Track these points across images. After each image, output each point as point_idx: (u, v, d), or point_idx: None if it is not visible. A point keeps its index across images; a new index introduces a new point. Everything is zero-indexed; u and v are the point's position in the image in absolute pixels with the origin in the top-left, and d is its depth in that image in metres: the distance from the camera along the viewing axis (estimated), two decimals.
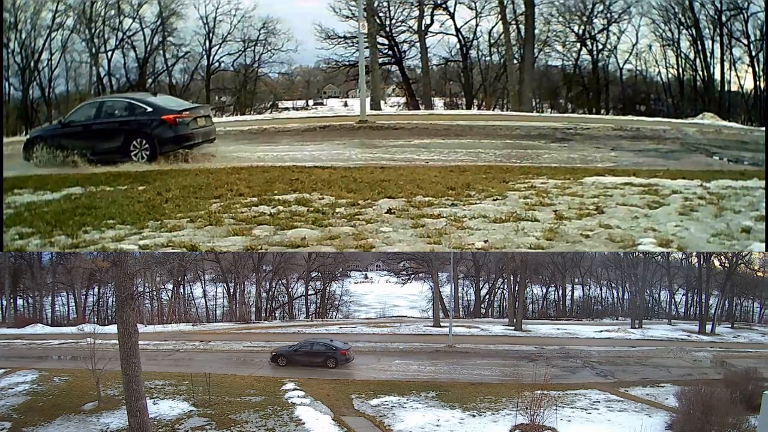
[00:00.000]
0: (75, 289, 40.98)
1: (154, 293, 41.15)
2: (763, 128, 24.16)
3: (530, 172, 13.95)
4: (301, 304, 47.41)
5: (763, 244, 8.97)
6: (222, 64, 48.77)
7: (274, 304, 45.35)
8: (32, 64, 44.87)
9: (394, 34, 47.92)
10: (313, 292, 47.75)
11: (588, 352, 25.97)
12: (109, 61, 46.45)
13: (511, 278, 40.56)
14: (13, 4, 41.56)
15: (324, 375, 19.91)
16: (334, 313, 47.54)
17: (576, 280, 51.75)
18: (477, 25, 46.71)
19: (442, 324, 34.34)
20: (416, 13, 47.30)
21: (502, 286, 48.46)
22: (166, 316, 39.08)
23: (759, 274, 47.53)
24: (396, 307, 54.11)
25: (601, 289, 52.81)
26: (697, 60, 39.96)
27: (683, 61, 40.67)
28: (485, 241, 8.73)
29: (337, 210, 10.35)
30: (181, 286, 43.16)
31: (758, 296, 47.79)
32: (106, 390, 16.73)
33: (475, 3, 45.85)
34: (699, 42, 39.58)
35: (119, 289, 12.72)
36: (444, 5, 46.79)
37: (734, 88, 39.08)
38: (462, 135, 26.38)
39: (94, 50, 45.34)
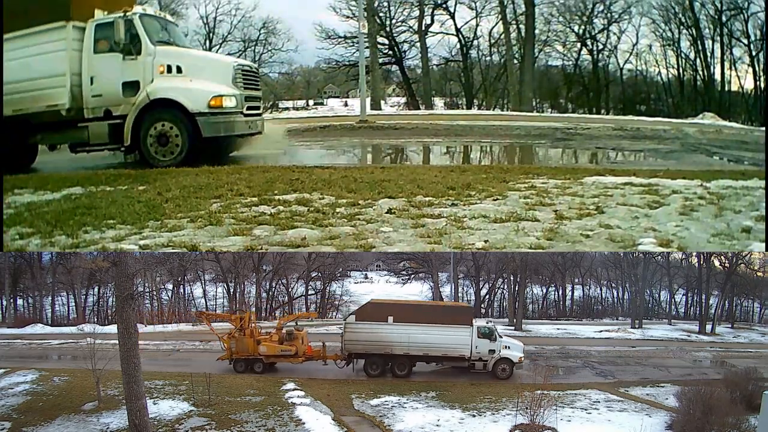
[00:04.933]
0: (75, 289, 40.96)
1: (154, 293, 41.14)
2: (763, 128, 24.19)
3: (530, 172, 13.97)
4: (301, 304, 47.38)
5: (763, 244, 8.98)
6: None
7: (274, 304, 45.34)
8: None
9: (394, 34, 48.10)
10: (313, 292, 47.73)
11: (588, 352, 25.97)
12: None
13: (511, 278, 40.55)
14: None
15: (324, 375, 19.91)
16: (334, 313, 47.51)
17: (576, 280, 51.73)
18: (477, 25, 46.93)
19: None
20: (416, 13, 47.48)
21: (502, 286, 48.45)
22: (166, 316, 39.04)
23: (759, 274, 47.52)
24: None
25: (601, 289, 52.78)
26: (697, 60, 40.05)
27: (683, 61, 40.76)
28: (485, 241, 8.74)
29: (337, 210, 10.36)
30: (181, 286, 43.14)
31: (758, 296, 47.77)
32: (106, 390, 16.72)
33: (475, 3, 46.01)
34: (699, 42, 39.67)
35: (119, 289, 12.73)
36: (444, 5, 46.93)
37: (734, 88, 39.17)
38: (462, 135, 26.43)
39: None
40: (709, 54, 39.49)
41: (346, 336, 19.35)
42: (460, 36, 47.53)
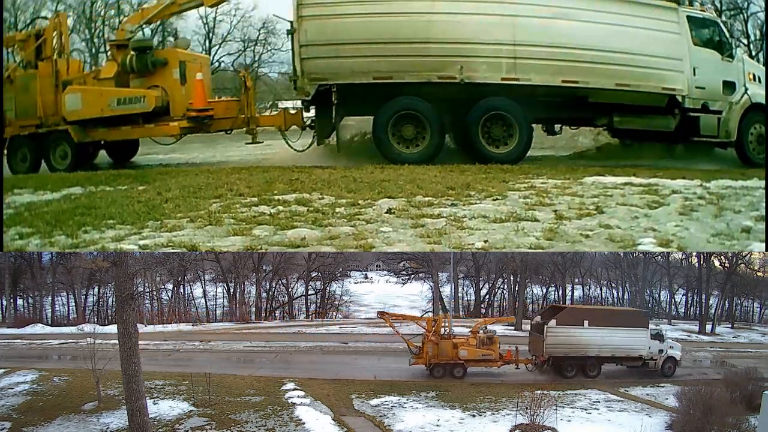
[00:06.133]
0: (75, 289, 40.95)
1: (154, 293, 41.13)
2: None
3: (530, 172, 13.95)
4: (301, 304, 47.37)
5: (763, 244, 8.99)
6: (222, 64, 48.76)
7: (274, 304, 45.33)
8: None
9: None
10: (313, 292, 47.73)
11: None
12: None
13: (511, 278, 40.57)
14: (13, 4, 41.57)
15: (324, 375, 19.91)
16: (334, 313, 47.50)
17: (576, 280, 51.70)
18: None
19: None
20: None
21: (502, 286, 48.45)
22: (166, 316, 39.05)
23: (759, 274, 47.53)
24: (396, 307, 54.01)
25: (601, 289, 52.77)
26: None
27: None
28: (485, 241, 8.74)
29: (337, 210, 10.36)
30: (181, 286, 43.13)
31: (758, 296, 47.80)
32: (106, 390, 16.72)
33: None
34: None
35: (119, 289, 12.72)
36: None
37: None
38: None
39: (94, 50, 45.36)
40: None
41: (548, 340, 19.83)
42: None
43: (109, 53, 17.90)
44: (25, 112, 17.28)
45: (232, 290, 42.26)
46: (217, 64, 48.16)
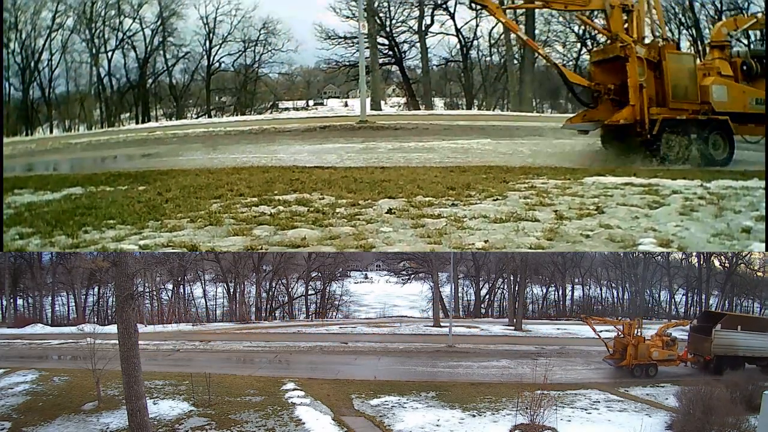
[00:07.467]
0: (75, 289, 40.97)
1: (154, 293, 41.12)
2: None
3: (530, 172, 13.97)
4: (301, 304, 47.40)
5: (763, 244, 8.99)
6: (222, 65, 48.88)
7: (274, 304, 45.34)
8: (32, 64, 44.96)
9: (394, 35, 48.05)
10: (313, 292, 47.74)
11: (588, 352, 25.95)
12: (109, 61, 46.64)
13: (511, 278, 40.56)
14: (13, 4, 41.60)
15: (324, 375, 19.92)
16: (334, 313, 47.53)
17: (576, 280, 51.71)
18: (477, 25, 46.80)
19: (442, 324, 34.36)
20: (416, 13, 47.41)
21: (502, 286, 48.45)
22: (166, 316, 39.06)
23: (759, 274, 47.56)
24: (396, 307, 54.09)
25: (601, 289, 52.77)
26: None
27: None
28: (485, 241, 8.74)
29: (337, 210, 10.37)
30: (181, 286, 43.14)
31: (758, 296, 47.81)
32: (106, 390, 16.72)
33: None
34: (699, 42, 39.59)
35: (119, 289, 12.72)
36: (444, 5, 46.86)
37: None
38: (462, 135, 26.40)
39: (94, 50, 45.46)
40: None
41: (715, 341, 21.84)
42: (460, 36, 47.51)
43: (711, 52, 19.71)
44: (676, 95, 17.86)
45: (232, 290, 42.27)
46: (217, 64, 48.36)
